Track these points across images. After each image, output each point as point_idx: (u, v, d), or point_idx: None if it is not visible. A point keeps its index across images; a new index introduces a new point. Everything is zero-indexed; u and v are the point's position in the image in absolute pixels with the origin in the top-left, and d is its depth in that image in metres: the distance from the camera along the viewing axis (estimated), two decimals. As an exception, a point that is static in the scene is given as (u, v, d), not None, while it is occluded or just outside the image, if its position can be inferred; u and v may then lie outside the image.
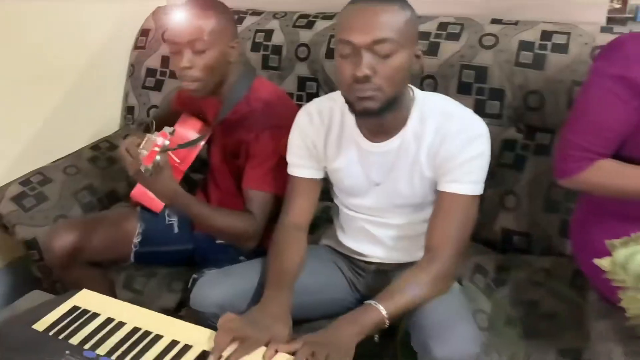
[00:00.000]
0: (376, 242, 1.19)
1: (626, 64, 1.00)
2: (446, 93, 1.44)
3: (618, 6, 6.05)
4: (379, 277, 1.20)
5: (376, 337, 1.02)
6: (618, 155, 1.06)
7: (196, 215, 1.23)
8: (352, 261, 1.24)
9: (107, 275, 1.44)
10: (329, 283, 1.20)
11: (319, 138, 1.15)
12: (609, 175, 1.04)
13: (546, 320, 1.20)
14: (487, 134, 1.08)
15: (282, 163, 1.20)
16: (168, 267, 1.46)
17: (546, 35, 1.39)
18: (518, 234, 1.42)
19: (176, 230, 1.43)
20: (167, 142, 1.07)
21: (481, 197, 1.09)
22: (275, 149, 1.22)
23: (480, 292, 1.27)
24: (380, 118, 1.03)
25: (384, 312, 0.95)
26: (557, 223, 1.37)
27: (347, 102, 1.02)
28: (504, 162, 1.43)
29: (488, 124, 1.21)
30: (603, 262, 1.02)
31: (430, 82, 1.48)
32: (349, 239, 1.23)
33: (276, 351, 0.89)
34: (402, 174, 1.11)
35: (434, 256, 1.04)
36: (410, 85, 1.09)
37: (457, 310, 1.00)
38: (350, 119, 1.11)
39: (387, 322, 0.96)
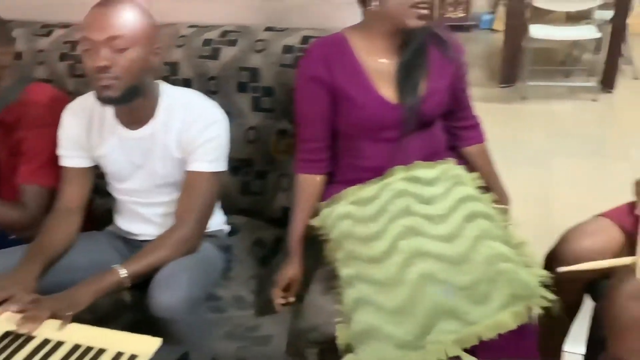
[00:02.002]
0: (146, 221, 1.37)
1: (309, 66, 1.27)
2: (228, 92, 1.67)
3: (462, 15, 6.67)
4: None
5: (127, 298, 1.19)
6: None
7: None
8: (129, 242, 1.40)
9: None
10: (102, 262, 1.34)
11: (82, 130, 1.31)
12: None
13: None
14: (223, 120, 1.29)
15: (56, 159, 1.35)
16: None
17: (306, 39, 1.64)
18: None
19: None
20: None
21: (263, 180, 1.31)
22: (45, 146, 1.37)
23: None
24: (126, 106, 1.21)
25: (123, 272, 1.13)
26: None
27: (95, 92, 1.19)
28: (280, 149, 1.66)
29: (264, 118, 1.42)
30: (313, 221, 1.26)
31: (214, 82, 1.68)
32: (124, 221, 1.40)
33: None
34: (157, 157, 1.29)
35: (179, 223, 1.24)
36: (159, 81, 1.28)
37: (186, 265, 1.19)
38: (110, 111, 1.28)
39: (129, 281, 1.13)
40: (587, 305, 1.38)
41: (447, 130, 1.49)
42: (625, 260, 1.12)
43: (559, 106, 3.92)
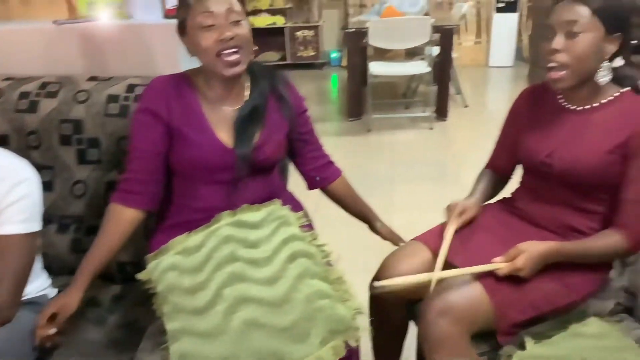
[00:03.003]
0: None
1: (148, 99, 1.31)
2: (50, 146, 1.58)
3: (313, 53, 6.99)
4: None
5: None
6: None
7: None
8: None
9: None
10: None
11: None
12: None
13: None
14: (33, 177, 1.22)
15: None
16: None
17: (131, 87, 1.61)
18: (130, 264, 1.58)
19: None
20: None
21: (95, 236, 1.27)
22: None
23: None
24: None
25: None
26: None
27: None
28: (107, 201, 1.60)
29: (92, 170, 1.33)
30: (140, 275, 1.22)
31: (34, 136, 1.59)
32: None
33: None
34: None
35: None
36: None
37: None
38: None
39: None
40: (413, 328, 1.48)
41: (306, 176, 1.56)
42: (423, 276, 1.23)
43: (401, 136, 4.25)
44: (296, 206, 1.47)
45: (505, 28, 6.04)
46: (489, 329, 1.22)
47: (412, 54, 4.85)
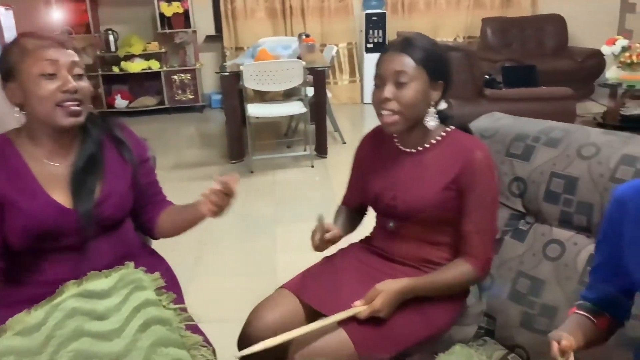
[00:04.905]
0: None
1: None
2: None
3: (192, 96, 6.95)
4: None
5: None
6: None
7: None
8: None
9: None
10: None
11: None
12: None
13: None
14: None
15: None
16: None
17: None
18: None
19: None
20: None
21: None
22: None
23: None
24: None
25: None
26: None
27: None
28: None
29: None
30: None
31: None
32: None
33: None
34: None
35: None
36: None
37: None
38: None
39: None
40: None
41: (142, 225, 1.47)
42: (283, 337, 1.19)
43: (284, 175, 4.27)
44: (155, 265, 1.39)
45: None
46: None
47: (289, 95, 4.95)
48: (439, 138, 1.38)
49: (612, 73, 4.56)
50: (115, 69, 6.07)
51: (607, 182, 1.28)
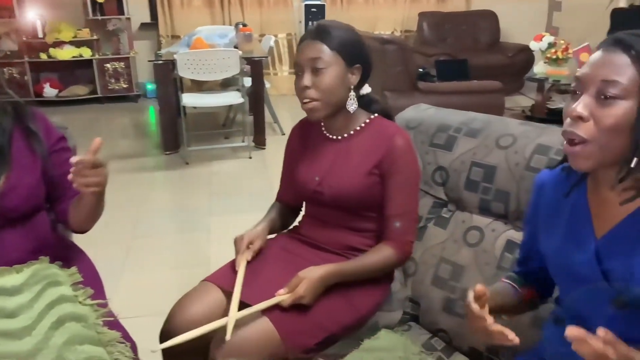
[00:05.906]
0: None
1: None
2: None
3: (126, 85, 6.76)
4: None
5: None
6: None
7: None
8: None
9: None
10: None
11: None
12: None
13: None
14: None
15: None
16: None
17: None
18: None
19: None
20: None
21: None
22: None
23: None
24: None
25: None
26: None
27: None
28: None
29: None
30: None
31: None
32: None
33: None
34: None
35: None
36: None
37: None
38: None
39: None
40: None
41: (57, 217, 1.40)
42: (218, 322, 1.20)
43: (220, 166, 4.21)
44: (73, 259, 1.34)
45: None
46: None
47: (227, 85, 4.87)
48: (363, 125, 1.40)
49: (539, 68, 4.77)
50: (44, 56, 5.77)
51: (523, 170, 1.33)
